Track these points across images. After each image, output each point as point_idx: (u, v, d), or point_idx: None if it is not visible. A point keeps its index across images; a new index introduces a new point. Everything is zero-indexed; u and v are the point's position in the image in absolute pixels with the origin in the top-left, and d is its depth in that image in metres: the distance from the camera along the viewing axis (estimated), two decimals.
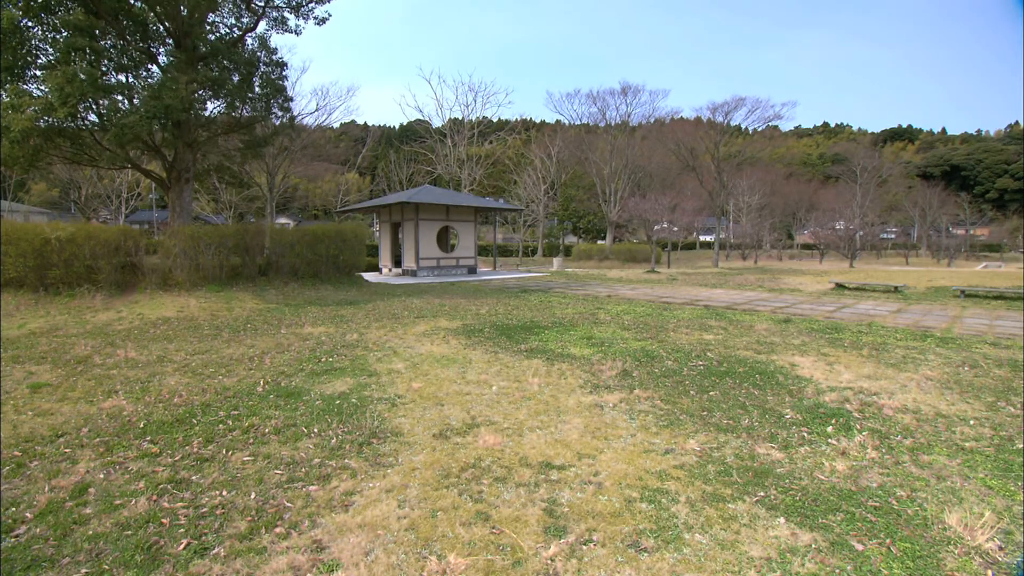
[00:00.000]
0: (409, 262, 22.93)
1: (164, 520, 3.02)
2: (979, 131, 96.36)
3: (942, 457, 3.93)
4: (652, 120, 55.56)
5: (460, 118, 47.17)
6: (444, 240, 24.45)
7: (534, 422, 4.61)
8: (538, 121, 70.02)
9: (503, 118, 59.76)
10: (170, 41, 14.22)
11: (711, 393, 5.42)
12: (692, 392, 5.47)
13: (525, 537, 2.86)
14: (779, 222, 57.15)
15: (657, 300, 13.77)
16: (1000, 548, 2.80)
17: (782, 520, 3.05)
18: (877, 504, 3.24)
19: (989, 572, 2.62)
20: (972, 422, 4.66)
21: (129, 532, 2.90)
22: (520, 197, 48.55)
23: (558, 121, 59.27)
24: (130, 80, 13.64)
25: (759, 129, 53.02)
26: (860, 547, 2.80)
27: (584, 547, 2.78)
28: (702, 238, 68.76)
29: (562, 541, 2.82)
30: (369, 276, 21.55)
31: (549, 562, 2.65)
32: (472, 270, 24.74)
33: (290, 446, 4.07)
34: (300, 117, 34.15)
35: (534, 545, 2.79)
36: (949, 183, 66.99)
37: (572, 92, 55.49)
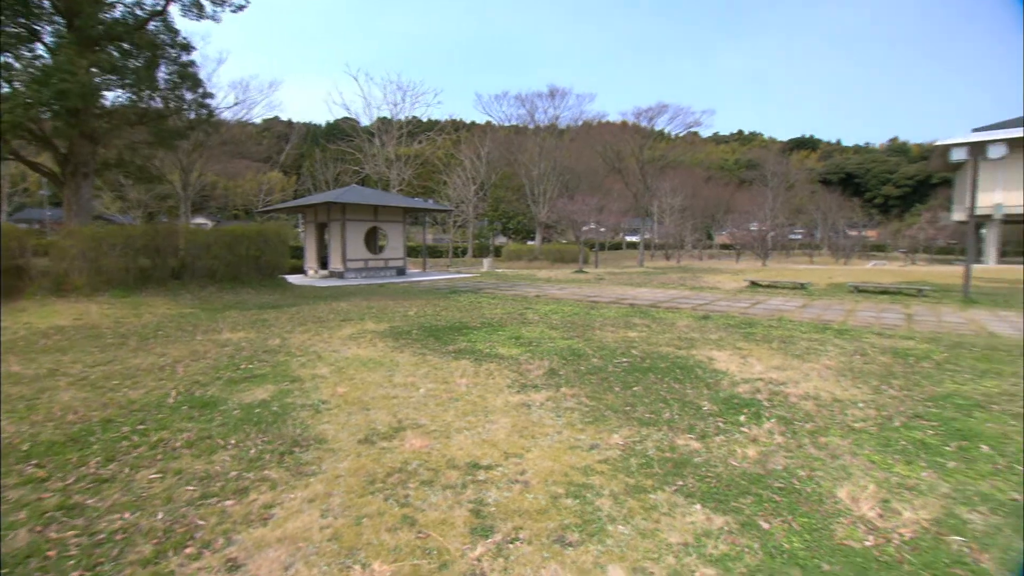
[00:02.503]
0: (336, 264, 22.23)
1: (50, 552, 2.74)
2: (867, 143, 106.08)
3: (836, 438, 4.29)
4: (580, 123, 57.02)
5: (389, 117, 46.35)
6: (372, 241, 23.92)
7: (462, 423, 4.60)
8: (468, 122, 69.84)
9: (433, 118, 59.27)
10: (59, 19, 12.93)
11: (635, 389, 5.63)
12: (616, 388, 5.65)
13: (452, 539, 2.85)
14: (699, 223, 60.21)
15: (585, 299, 14.13)
16: (880, 516, 3.11)
17: (698, 506, 3.21)
18: (782, 485, 3.49)
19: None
20: (861, 405, 5.12)
21: (5, 571, 2.61)
22: (450, 198, 48.24)
23: (488, 122, 59.44)
24: (7, 60, 12.24)
25: (681, 134, 55.70)
26: (766, 526, 3.01)
27: (511, 545, 2.80)
28: (628, 238, 71.28)
29: (489, 541, 2.84)
30: (294, 279, 20.68)
31: (476, 563, 2.65)
32: (401, 271, 24.34)
33: (204, 460, 3.83)
34: (218, 111, 32.22)
35: (461, 547, 2.78)
36: (845, 189, 73.14)
37: (501, 94, 55.94)
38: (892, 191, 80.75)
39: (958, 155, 15.56)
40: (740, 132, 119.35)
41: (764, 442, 4.20)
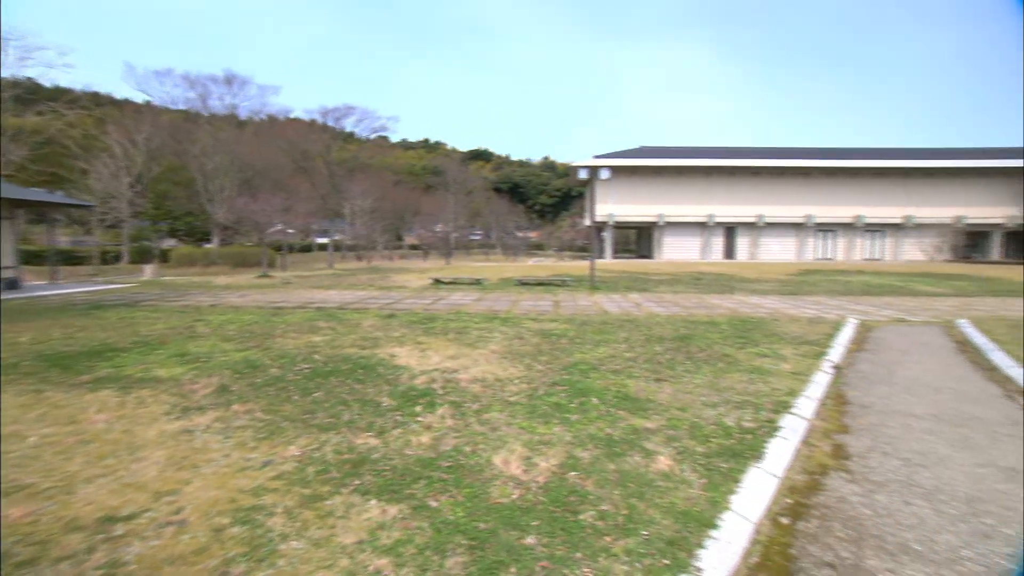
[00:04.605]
0: None
1: None
2: (528, 159, 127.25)
3: (496, 413, 5.01)
4: (264, 117, 52.33)
5: None
6: None
7: (94, 470, 3.70)
8: (119, 98, 56.38)
9: (60, 85, 46.04)
10: None
11: (315, 395, 5.46)
12: (295, 397, 5.38)
13: None
14: (390, 225, 62.05)
15: (268, 305, 13.04)
16: (524, 471, 3.77)
17: (374, 501, 3.31)
18: (450, 464, 3.88)
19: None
20: (517, 381, 6.10)
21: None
22: (93, 190, 38.01)
23: (148, 103, 48.99)
24: None
25: (370, 138, 56.48)
26: (435, 504, 3.30)
27: None
28: (320, 240, 68.72)
29: None
30: None
31: None
32: (13, 284, 18.15)
33: None
34: None
35: None
36: (513, 196, 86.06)
37: (163, 70, 46.64)
38: (547, 200, 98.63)
39: (583, 174, 20.08)
40: (427, 140, 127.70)
41: (437, 427, 4.61)
